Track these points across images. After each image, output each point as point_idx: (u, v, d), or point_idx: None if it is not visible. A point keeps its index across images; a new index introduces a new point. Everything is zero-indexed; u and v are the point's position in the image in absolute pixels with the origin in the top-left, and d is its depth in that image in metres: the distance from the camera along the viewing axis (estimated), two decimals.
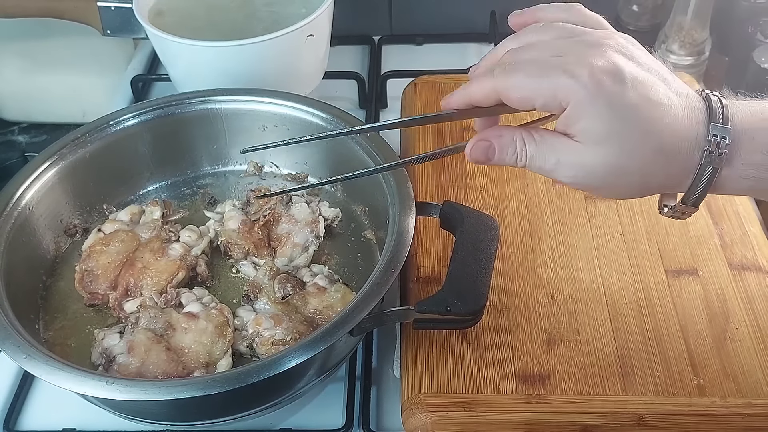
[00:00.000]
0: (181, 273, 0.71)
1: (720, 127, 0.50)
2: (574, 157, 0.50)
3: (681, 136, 0.50)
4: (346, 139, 0.76)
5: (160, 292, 0.69)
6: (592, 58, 0.48)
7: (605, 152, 0.49)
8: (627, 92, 0.48)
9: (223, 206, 0.79)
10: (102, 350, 0.65)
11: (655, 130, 0.49)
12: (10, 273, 0.67)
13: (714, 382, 0.63)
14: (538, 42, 0.52)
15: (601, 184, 0.52)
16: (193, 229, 0.76)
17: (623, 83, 0.48)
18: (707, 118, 0.50)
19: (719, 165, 0.50)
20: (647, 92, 0.49)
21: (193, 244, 0.74)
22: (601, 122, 0.48)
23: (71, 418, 0.69)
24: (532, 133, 0.52)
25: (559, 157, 0.51)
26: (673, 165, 0.50)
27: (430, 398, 0.62)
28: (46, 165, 0.74)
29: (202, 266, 0.73)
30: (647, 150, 0.49)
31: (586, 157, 0.50)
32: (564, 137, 0.51)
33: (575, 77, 0.48)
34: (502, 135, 0.53)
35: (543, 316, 0.68)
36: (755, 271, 0.71)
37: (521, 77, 0.50)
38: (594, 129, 0.49)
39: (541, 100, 0.49)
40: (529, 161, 0.52)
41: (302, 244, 0.74)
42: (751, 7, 0.98)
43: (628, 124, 0.48)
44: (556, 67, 0.49)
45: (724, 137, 0.49)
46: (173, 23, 0.91)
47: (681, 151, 0.50)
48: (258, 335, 0.66)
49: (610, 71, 0.48)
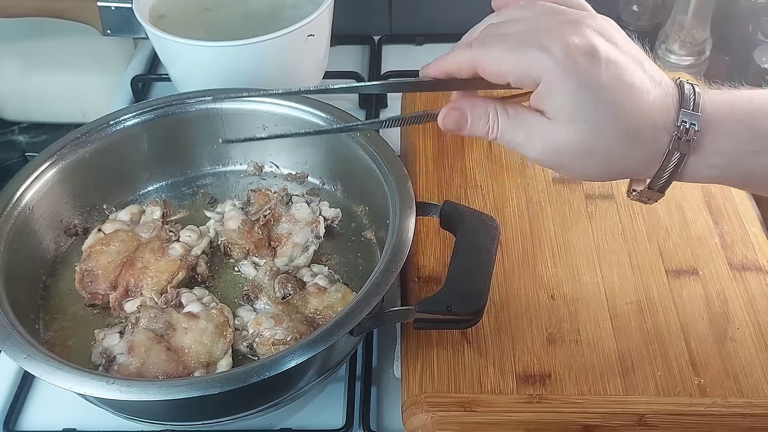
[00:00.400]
0: (181, 273, 0.71)
1: (690, 113, 0.49)
2: (543, 133, 0.50)
3: (651, 120, 0.50)
4: (347, 138, 0.76)
5: (160, 292, 0.69)
6: (569, 36, 0.48)
7: (574, 131, 0.49)
8: (601, 72, 0.48)
9: (224, 206, 0.79)
10: (102, 350, 0.65)
11: (625, 112, 0.49)
12: (10, 273, 0.66)
13: (715, 381, 0.63)
14: (518, 18, 0.52)
15: (568, 163, 0.51)
16: (193, 229, 0.76)
17: (597, 63, 0.48)
18: (678, 104, 0.50)
19: (687, 152, 0.50)
20: (621, 74, 0.49)
21: (194, 244, 0.74)
22: (572, 100, 0.48)
23: (71, 418, 0.69)
24: (506, 106, 0.52)
25: (529, 132, 0.51)
26: (641, 149, 0.50)
27: (430, 398, 0.62)
28: (46, 165, 0.74)
29: (202, 266, 0.73)
30: (616, 131, 0.49)
31: (555, 135, 0.50)
32: (536, 113, 0.51)
33: (549, 53, 0.48)
34: (475, 105, 0.53)
35: (543, 316, 0.68)
36: (756, 271, 0.71)
37: (497, 50, 0.50)
38: (565, 106, 0.49)
39: (514, 74, 0.49)
40: (499, 134, 0.52)
41: (302, 244, 0.74)
42: (751, 7, 0.98)
43: (599, 103, 0.48)
44: (532, 42, 0.48)
45: (693, 124, 0.49)
46: (173, 23, 0.91)
47: (649, 135, 0.50)
48: (258, 335, 0.66)
49: (585, 50, 0.48)
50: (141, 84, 1.06)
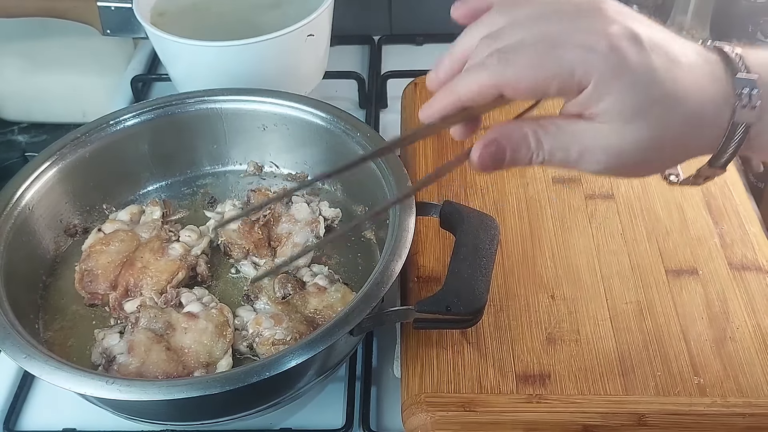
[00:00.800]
0: (181, 273, 0.71)
1: (745, 78, 0.44)
2: (600, 141, 0.44)
3: (708, 94, 0.44)
4: (347, 139, 0.76)
5: (160, 292, 0.69)
6: (604, 26, 0.42)
7: (636, 128, 0.43)
8: (651, 58, 0.42)
9: (223, 206, 0.79)
10: (102, 350, 0.65)
11: (684, 93, 0.43)
12: (9, 273, 0.66)
13: (714, 381, 0.63)
14: (516, 22, 0.45)
15: (632, 165, 0.46)
16: (193, 228, 0.76)
17: (644, 48, 0.42)
18: (728, 70, 0.45)
19: (751, 120, 0.44)
20: (667, 53, 0.43)
21: (194, 244, 0.74)
22: (631, 96, 0.43)
23: (71, 418, 0.69)
24: (544, 124, 0.46)
25: (583, 144, 0.45)
26: (704, 127, 0.45)
27: (430, 398, 0.62)
28: (46, 165, 0.74)
29: (202, 266, 0.73)
30: (681, 116, 0.44)
31: (616, 139, 0.44)
32: (583, 121, 0.44)
33: (593, 49, 0.42)
34: (510, 132, 0.46)
35: (543, 316, 0.68)
36: (755, 271, 0.71)
37: (526, 63, 0.43)
38: (622, 105, 0.43)
39: (556, 83, 0.43)
40: (548, 156, 0.45)
41: (302, 244, 0.74)
42: (751, 7, 0.98)
43: (658, 91, 0.43)
44: (567, 42, 0.42)
45: (754, 89, 0.44)
46: (173, 23, 0.91)
47: (710, 110, 0.44)
48: (258, 335, 0.66)
49: (628, 37, 0.42)
50: (141, 84, 1.06)
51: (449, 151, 0.83)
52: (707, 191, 0.78)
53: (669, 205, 0.76)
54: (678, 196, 0.78)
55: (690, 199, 0.77)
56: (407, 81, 0.95)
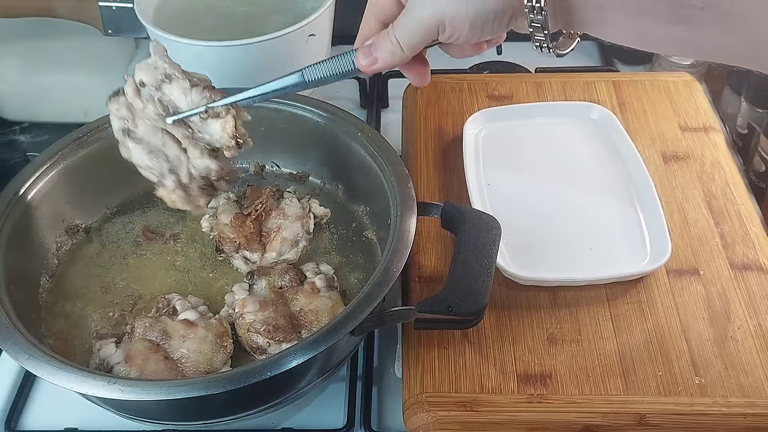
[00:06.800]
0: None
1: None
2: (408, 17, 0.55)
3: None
4: (347, 139, 0.76)
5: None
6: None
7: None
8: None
9: (218, 200, 0.78)
10: (99, 361, 0.64)
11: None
12: (11, 273, 0.67)
13: (715, 381, 0.63)
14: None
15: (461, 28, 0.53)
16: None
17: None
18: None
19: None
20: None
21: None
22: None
23: (73, 417, 0.69)
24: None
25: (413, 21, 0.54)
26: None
27: (431, 398, 0.62)
28: (47, 165, 0.74)
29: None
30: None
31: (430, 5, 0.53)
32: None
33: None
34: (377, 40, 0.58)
35: (544, 316, 0.68)
36: (757, 271, 0.71)
37: None
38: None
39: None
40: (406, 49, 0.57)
41: (291, 239, 0.74)
42: None
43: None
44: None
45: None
46: (174, 23, 0.91)
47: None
48: (240, 317, 0.67)
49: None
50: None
51: (451, 151, 0.83)
52: (708, 191, 0.78)
53: (670, 205, 0.76)
54: (679, 197, 0.77)
55: (691, 199, 0.77)
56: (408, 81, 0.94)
